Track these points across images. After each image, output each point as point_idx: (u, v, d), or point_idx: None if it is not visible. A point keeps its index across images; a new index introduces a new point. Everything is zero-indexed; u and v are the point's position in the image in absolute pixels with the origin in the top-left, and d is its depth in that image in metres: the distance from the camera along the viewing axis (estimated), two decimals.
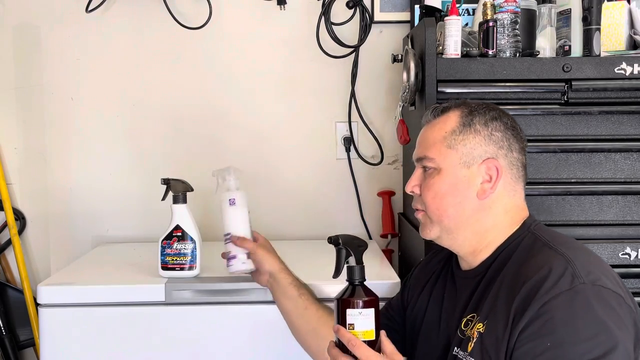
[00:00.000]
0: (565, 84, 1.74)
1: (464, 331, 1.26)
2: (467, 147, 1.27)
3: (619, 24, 1.81)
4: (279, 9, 2.28)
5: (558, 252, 1.18)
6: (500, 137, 1.28)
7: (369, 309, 1.23)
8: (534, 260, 1.19)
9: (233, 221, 1.59)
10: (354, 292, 1.25)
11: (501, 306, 1.18)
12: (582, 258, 1.17)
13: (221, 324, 1.64)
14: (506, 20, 1.74)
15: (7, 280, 2.34)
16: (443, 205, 1.28)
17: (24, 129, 2.33)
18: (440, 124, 1.31)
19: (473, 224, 1.28)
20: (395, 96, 2.26)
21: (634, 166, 1.75)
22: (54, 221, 2.35)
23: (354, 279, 1.26)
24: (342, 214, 2.35)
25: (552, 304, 1.10)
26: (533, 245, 1.24)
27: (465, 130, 1.28)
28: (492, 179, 1.27)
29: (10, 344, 2.26)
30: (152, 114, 2.32)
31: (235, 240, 1.58)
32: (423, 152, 1.32)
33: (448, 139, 1.29)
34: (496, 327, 1.17)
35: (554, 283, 1.12)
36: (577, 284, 1.11)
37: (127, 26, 2.30)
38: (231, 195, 1.60)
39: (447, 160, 1.28)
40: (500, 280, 1.22)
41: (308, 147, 2.34)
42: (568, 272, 1.13)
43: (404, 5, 2.27)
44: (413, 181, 1.33)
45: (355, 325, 1.22)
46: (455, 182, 1.27)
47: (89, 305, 1.63)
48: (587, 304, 1.10)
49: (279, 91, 2.33)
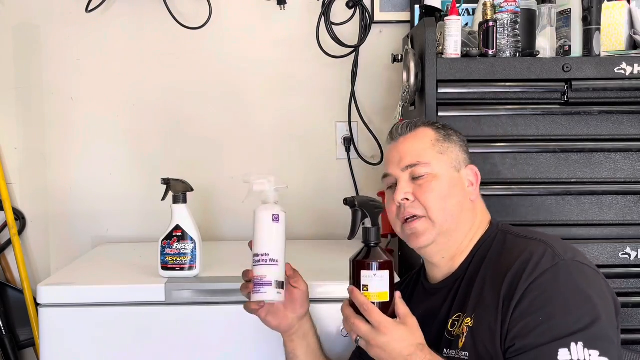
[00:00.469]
0: (565, 84, 1.74)
1: (451, 331, 1.28)
2: (454, 153, 1.36)
3: (619, 24, 1.81)
4: (279, 8, 2.28)
5: (533, 239, 1.26)
6: (466, 149, 1.40)
7: (384, 270, 1.22)
8: (513, 250, 1.26)
9: (275, 242, 1.37)
10: (368, 253, 1.24)
11: (488, 297, 1.23)
12: (556, 240, 1.26)
13: (221, 324, 1.64)
14: (506, 20, 1.74)
15: (7, 280, 2.34)
16: (448, 206, 1.31)
17: (24, 129, 2.33)
18: (420, 135, 1.37)
19: (465, 224, 1.34)
20: (395, 96, 2.26)
21: (634, 166, 1.75)
22: (54, 221, 2.35)
23: (370, 241, 1.25)
24: (342, 214, 2.34)
25: (538, 281, 1.17)
26: (505, 239, 1.31)
27: (447, 139, 1.36)
28: (474, 183, 1.36)
29: (10, 344, 2.26)
30: (152, 114, 2.32)
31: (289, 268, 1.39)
32: (414, 159, 1.33)
33: (437, 146, 1.35)
34: (487, 317, 1.21)
35: (537, 263, 1.19)
36: (557, 261, 1.19)
37: (127, 26, 2.30)
38: (276, 210, 1.39)
39: (441, 165, 1.33)
40: (482, 276, 1.27)
41: (308, 147, 2.34)
42: (548, 252, 1.21)
43: (404, 5, 2.27)
44: (404, 188, 1.33)
45: (369, 287, 1.21)
46: (453, 184, 1.33)
47: (89, 305, 1.63)
48: (571, 278, 1.18)
49: (279, 91, 2.33)
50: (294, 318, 1.41)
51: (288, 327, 1.42)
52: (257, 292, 1.33)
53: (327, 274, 1.66)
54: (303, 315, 1.43)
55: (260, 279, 1.33)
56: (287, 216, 1.40)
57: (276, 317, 1.40)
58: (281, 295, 1.34)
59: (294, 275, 1.40)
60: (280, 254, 1.36)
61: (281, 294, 1.34)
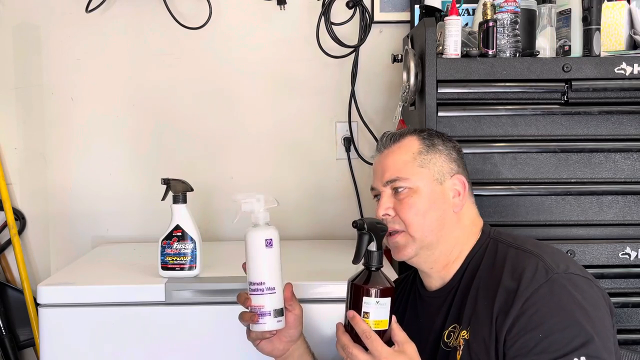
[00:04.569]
0: (565, 84, 1.73)
1: (447, 343, 1.28)
2: (437, 165, 1.35)
3: (619, 24, 1.81)
4: (279, 9, 2.28)
5: (525, 251, 1.25)
6: (456, 156, 1.38)
7: (386, 298, 1.17)
8: (506, 262, 1.25)
9: (269, 269, 1.31)
10: (370, 278, 1.19)
11: (482, 310, 1.22)
12: (548, 252, 1.25)
13: (221, 324, 1.64)
14: (506, 20, 1.74)
15: (7, 280, 2.34)
16: (427, 222, 1.31)
17: (24, 129, 2.33)
18: (403, 147, 1.36)
19: (449, 237, 1.33)
20: (395, 96, 2.26)
21: (634, 166, 1.75)
22: (54, 221, 2.35)
23: (372, 265, 1.20)
24: (342, 214, 2.35)
25: (534, 298, 1.16)
26: (497, 249, 1.30)
27: (430, 150, 1.35)
28: (461, 193, 1.35)
29: (10, 344, 2.26)
30: (152, 114, 2.32)
31: (288, 291, 1.35)
32: (395, 174, 1.33)
33: (418, 159, 1.34)
34: (481, 330, 1.21)
35: (530, 279, 1.18)
36: (551, 275, 1.18)
37: (127, 26, 2.30)
38: (267, 234, 1.31)
39: (422, 179, 1.33)
40: (476, 287, 1.27)
41: (308, 147, 2.34)
42: (540, 266, 1.20)
43: (404, 5, 2.27)
44: (385, 203, 1.33)
45: (370, 314, 1.16)
46: (434, 198, 1.32)
47: (89, 305, 1.63)
48: (565, 291, 1.17)
49: (279, 91, 2.33)
50: (288, 343, 1.38)
51: (282, 352, 1.38)
52: (259, 324, 1.30)
53: (326, 274, 1.66)
54: (297, 339, 1.39)
55: (258, 309, 1.29)
56: (279, 235, 1.34)
57: (270, 343, 1.36)
58: (281, 323, 1.31)
59: (291, 298, 1.35)
60: (277, 280, 1.31)
61: (281, 322, 1.31)
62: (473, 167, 1.75)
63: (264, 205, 1.33)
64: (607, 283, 1.75)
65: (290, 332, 1.36)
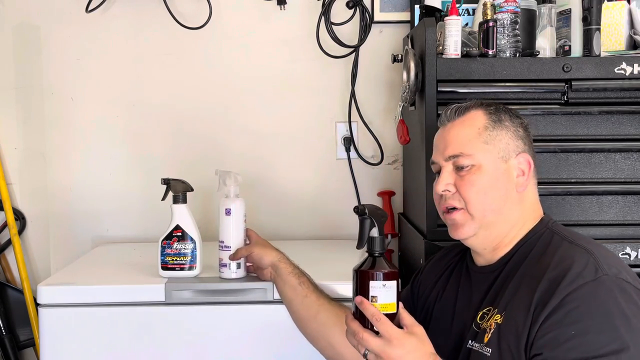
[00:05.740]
0: (565, 84, 1.74)
1: (480, 324, 1.25)
2: (503, 142, 1.29)
3: (619, 24, 1.81)
4: (279, 9, 2.28)
5: (579, 246, 1.21)
6: (523, 133, 1.33)
7: (392, 281, 1.18)
8: (556, 253, 1.21)
9: (226, 231, 1.62)
10: (375, 263, 1.21)
11: (522, 297, 1.19)
12: (602, 252, 1.20)
13: (221, 324, 1.64)
14: (506, 20, 1.74)
15: (7, 280, 2.34)
16: (488, 200, 1.27)
17: (24, 129, 2.33)
18: (469, 121, 1.31)
19: (509, 218, 1.29)
20: (395, 96, 2.26)
21: (634, 166, 1.75)
22: (54, 221, 2.35)
23: (375, 250, 1.22)
24: (342, 214, 2.35)
25: (576, 294, 1.12)
26: (551, 240, 1.26)
27: (496, 126, 1.30)
28: (525, 172, 1.30)
29: (10, 344, 2.26)
30: (152, 114, 2.32)
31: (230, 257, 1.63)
32: (457, 149, 1.29)
33: (483, 135, 1.29)
34: (516, 317, 1.18)
35: (577, 274, 1.14)
36: (600, 275, 1.13)
37: (127, 26, 2.30)
38: (228, 204, 1.62)
39: (486, 156, 1.28)
40: (520, 274, 1.23)
41: (308, 147, 2.34)
42: (591, 263, 1.15)
43: (404, 5, 2.27)
44: (445, 179, 1.30)
45: (377, 298, 1.17)
46: (497, 177, 1.28)
47: (89, 305, 1.63)
48: (611, 295, 1.12)
49: (279, 91, 2.33)
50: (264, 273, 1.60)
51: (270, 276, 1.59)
52: (221, 272, 1.65)
53: (326, 274, 1.66)
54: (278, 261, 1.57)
55: (221, 261, 1.64)
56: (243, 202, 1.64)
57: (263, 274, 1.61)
58: (239, 273, 1.64)
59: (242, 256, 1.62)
60: (234, 240, 1.62)
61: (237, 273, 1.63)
62: None
63: (233, 180, 1.62)
64: None
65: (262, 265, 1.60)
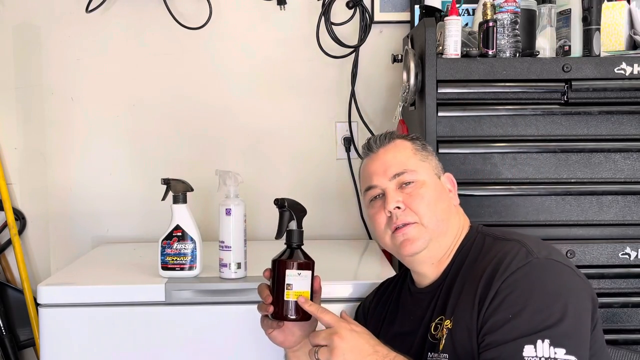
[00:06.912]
0: (565, 84, 1.74)
1: (434, 335, 1.29)
2: (433, 162, 1.40)
3: (619, 24, 1.81)
4: (279, 9, 2.28)
5: (510, 240, 1.28)
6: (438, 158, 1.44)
7: (307, 270, 1.32)
8: (490, 251, 1.27)
9: (226, 231, 1.62)
10: (292, 254, 1.34)
11: (466, 298, 1.24)
12: (533, 240, 1.27)
13: (221, 324, 1.64)
14: (506, 20, 1.74)
15: (7, 280, 2.34)
16: (438, 211, 1.33)
17: (24, 129, 2.33)
18: (399, 146, 1.40)
19: (453, 229, 1.36)
20: (395, 96, 2.26)
21: (634, 166, 1.75)
22: (54, 221, 2.35)
23: (293, 242, 1.34)
24: (342, 214, 2.35)
25: (510, 279, 1.19)
26: (484, 242, 1.32)
27: (423, 149, 1.40)
28: (452, 189, 1.40)
29: (10, 344, 2.26)
30: (152, 114, 2.32)
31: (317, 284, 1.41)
32: (401, 167, 1.35)
33: (418, 155, 1.38)
34: (465, 317, 1.23)
35: (509, 262, 1.21)
36: (530, 259, 1.20)
37: (127, 26, 2.30)
38: (228, 204, 1.61)
39: (427, 172, 1.37)
40: (462, 279, 1.29)
41: (308, 147, 2.34)
42: (522, 251, 1.22)
43: (404, 5, 2.27)
44: (394, 197, 1.33)
45: (292, 286, 1.30)
46: (439, 190, 1.37)
47: (89, 305, 1.63)
48: (542, 275, 1.19)
49: (279, 91, 2.33)
50: (301, 336, 1.40)
51: (293, 343, 1.41)
52: (221, 272, 1.63)
53: (326, 274, 1.66)
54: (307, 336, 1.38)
55: (220, 261, 1.63)
56: (243, 203, 1.62)
57: (282, 333, 1.39)
58: (239, 273, 1.62)
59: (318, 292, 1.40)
60: (234, 241, 1.61)
61: (237, 273, 1.62)
62: (473, 167, 1.76)
63: (233, 181, 1.62)
64: (607, 283, 1.75)
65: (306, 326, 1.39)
